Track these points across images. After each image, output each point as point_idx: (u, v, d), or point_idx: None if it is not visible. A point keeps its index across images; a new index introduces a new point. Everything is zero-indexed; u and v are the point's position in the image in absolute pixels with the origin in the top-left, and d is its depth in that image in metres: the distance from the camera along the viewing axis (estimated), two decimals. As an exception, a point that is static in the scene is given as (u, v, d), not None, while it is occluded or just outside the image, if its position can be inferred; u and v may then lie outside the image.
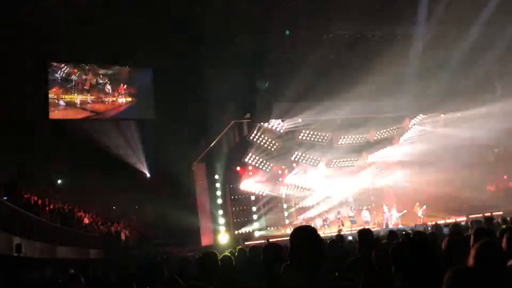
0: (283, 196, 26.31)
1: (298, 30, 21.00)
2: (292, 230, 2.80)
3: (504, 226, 6.67)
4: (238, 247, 6.43)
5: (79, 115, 23.49)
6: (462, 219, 19.74)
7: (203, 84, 24.47)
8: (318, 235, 2.72)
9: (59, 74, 22.67)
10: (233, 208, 26.55)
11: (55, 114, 22.51)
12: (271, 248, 4.08)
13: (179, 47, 21.98)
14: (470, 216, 19.32)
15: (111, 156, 25.30)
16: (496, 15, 20.25)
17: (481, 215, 17.13)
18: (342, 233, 19.17)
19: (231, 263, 4.49)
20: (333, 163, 26.16)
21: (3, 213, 11.67)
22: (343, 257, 5.71)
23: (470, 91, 21.27)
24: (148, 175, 28.14)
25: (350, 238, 10.27)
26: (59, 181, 27.07)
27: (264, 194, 25.82)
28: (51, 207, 19.16)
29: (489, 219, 8.45)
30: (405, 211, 24.54)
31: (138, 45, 22.22)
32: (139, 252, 22.06)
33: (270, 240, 17.63)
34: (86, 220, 21.56)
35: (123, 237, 23.01)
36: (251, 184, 25.19)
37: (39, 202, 18.45)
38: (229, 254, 4.84)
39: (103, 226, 23.04)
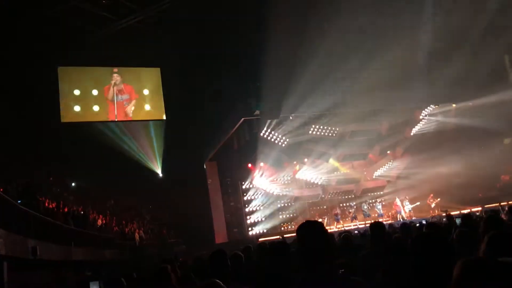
0: (295, 191, 26.17)
1: (306, 23, 20.92)
2: (299, 225, 2.79)
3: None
4: (246, 246, 6.41)
5: (92, 118, 23.65)
6: (477, 209, 19.54)
7: (212, 83, 24.52)
8: (325, 229, 2.71)
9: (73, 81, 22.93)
10: (246, 205, 26.61)
11: (68, 117, 22.69)
12: (277, 245, 4.07)
13: (187, 45, 22.00)
14: (485, 206, 19.11)
15: (124, 157, 25.47)
16: (507, 1, 19.99)
17: (496, 204, 16.97)
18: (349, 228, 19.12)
19: (240, 260, 4.49)
20: (344, 157, 26.01)
21: (18, 216, 11.79)
22: (354, 251, 5.68)
23: (481, 80, 20.97)
24: (161, 175, 28.28)
25: (356, 232, 10.18)
26: (73, 184, 27.33)
27: (276, 191, 25.76)
28: (65, 209, 19.34)
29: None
30: (418, 203, 24.39)
31: (145, 45, 22.29)
32: (153, 252, 22.19)
33: (284, 236, 17.72)
34: (100, 222, 21.72)
35: (137, 237, 23.15)
36: (263, 181, 25.16)
37: (54, 204, 18.64)
38: (239, 252, 4.83)
39: (117, 227, 23.21)
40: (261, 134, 23.21)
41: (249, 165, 25.38)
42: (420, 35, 21.41)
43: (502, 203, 15.50)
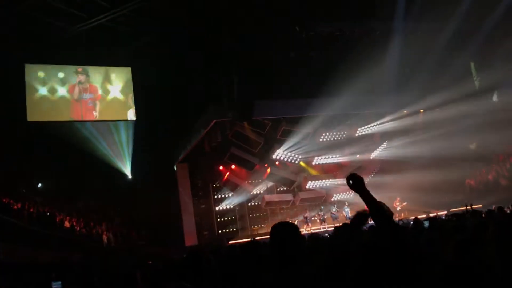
0: (265, 196, 26.19)
1: (279, 28, 21.05)
2: (272, 225, 2.81)
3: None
4: (216, 248, 6.41)
5: (60, 117, 23.12)
6: (443, 212, 20.01)
7: (185, 84, 24.35)
8: (299, 230, 2.74)
9: (41, 79, 22.34)
10: (216, 208, 26.54)
11: (34, 116, 22.11)
12: (249, 247, 4.07)
13: (159, 46, 21.82)
14: (450, 210, 19.57)
15: (93, 158, 24.95)
16: (474, 9, 20.55)
17: (461, 208, 17.41)
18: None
19: (210, 263, 4.46)
20: (315, 160, 26.22)
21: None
22: (324, 252, 5.73)
23: (449, 86, 21.50)
24: (130, 176, 27.82)
25: (326, 235, 10.40)
26: (40, 185, 26.62)
27: (247, 193, 25.76)
28: (32, 210, 18.85)
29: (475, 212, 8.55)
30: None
31: (116, 44, 21.98)
32: (121, 254, 21.82)
33: (255, 238, 17.73)
34: (67, 224, 21.23)
35: (105, 239, 22.71)
36: (234, 183, 25.12)
37: (19, 206, 18.13)
38: (212, 254, 4.81)
39: (84, 229, 22.72)
40: (233, 136, 23.11)
41: (220, 167, 25.33)
42: (391, 41, 21.84)
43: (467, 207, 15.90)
